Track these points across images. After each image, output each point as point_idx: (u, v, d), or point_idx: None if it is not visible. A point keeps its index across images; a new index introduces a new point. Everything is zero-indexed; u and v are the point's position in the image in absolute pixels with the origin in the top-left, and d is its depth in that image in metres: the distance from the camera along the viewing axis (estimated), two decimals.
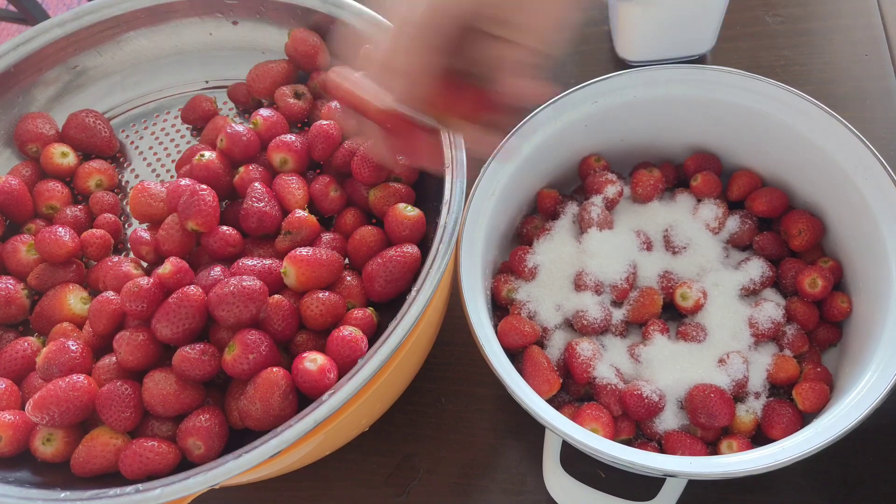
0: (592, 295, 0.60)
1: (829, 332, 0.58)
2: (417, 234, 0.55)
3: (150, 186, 0.59)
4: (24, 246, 0.58)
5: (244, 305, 0.49)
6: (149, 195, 0.58)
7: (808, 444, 0.45)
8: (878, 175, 0.53)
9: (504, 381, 0.50)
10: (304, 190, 0.58)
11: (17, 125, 0.64)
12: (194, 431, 0.48)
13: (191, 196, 0.54)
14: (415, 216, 0.54)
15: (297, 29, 0.64)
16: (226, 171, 0.59)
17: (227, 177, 0.59)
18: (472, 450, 0.61)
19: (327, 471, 0.61)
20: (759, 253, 0.61)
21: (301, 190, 0.58)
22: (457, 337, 0.64)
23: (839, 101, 0.71)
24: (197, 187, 0.54)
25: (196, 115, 0.66)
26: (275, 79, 0.65)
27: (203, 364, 0.49)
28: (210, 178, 0.57)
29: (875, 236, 0.54)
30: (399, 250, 0.53)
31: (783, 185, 0.62)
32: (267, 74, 0.64)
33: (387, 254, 0.53)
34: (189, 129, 0.68)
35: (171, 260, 0.51)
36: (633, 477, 0.51)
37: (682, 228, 0.62)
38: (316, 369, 0.47)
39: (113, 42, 0.67)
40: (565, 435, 0.47)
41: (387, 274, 0.52)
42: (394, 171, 0.57)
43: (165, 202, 0.58)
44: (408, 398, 0.61)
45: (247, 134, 0.59)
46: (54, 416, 0.48)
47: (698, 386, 0.55)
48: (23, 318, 0.58)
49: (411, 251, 0.53)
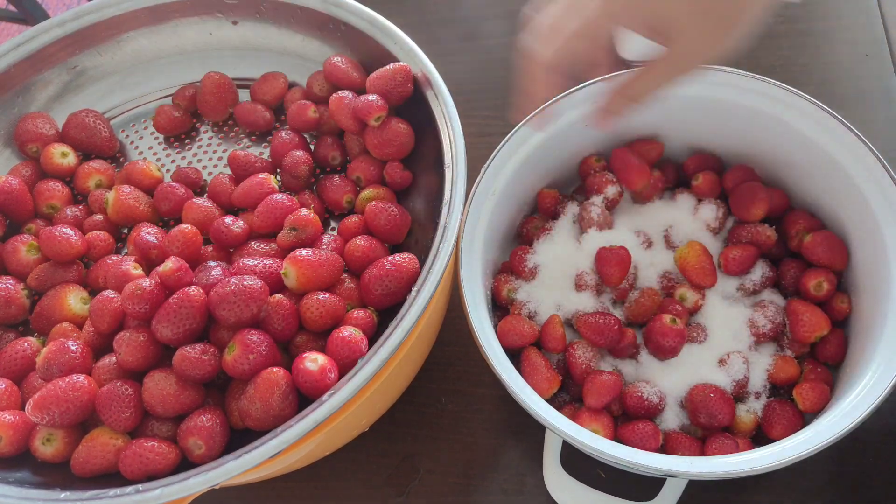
0: (592, 295, 0.60)
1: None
2: (395, 228, 0.56)
3: (128, 191, 0.61)
4: (24, 246, 0.58)
5: (245, 305, 0.49)
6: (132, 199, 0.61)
7: (808, 444, 0.45)
8: (879, 175, 0.53)
9: (504, 381, 0.50)
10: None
11: (17, 125, 0.64)
12: (195, 431, 0.48)
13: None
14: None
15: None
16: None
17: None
18: (472, 450, 0.61)
19: (327, 471, 0.61)
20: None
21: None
22: (457, 337, 0.64)
23: (839, 101, 0.71)
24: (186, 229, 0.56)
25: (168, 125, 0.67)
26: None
27: (203, 364, 0.49)
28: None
29: (875, 236, 0.54)
30: (395, 261, 0.52)
31: (783, 185, 0.62)
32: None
33: (383, 266, 0.52)
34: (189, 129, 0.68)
35: (172, 259, 0.51)
36: (633, 477, 0.51)
37: (683, 228, 0.62)
38: (317, 369, 0.47)
39: (113, 42, 0.67)
40: (565, 435, 0.47)
41: (383, 287, 0.52)
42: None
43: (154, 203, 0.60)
44: (408, 398, 0.61)
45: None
46: (54, 416, 0.48)
47: (698, 386, 0.55)
48: (23, 318, 0.58)
49: (408, 262, 0.52)
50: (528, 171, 0.61)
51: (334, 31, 0.63)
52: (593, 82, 0.59)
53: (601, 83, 0.59)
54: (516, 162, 0.60)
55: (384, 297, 0.52)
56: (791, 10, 0.77)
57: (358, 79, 0.62)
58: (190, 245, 0.56)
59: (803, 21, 0.77)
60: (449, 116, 0.55)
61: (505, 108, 0.77)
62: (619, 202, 0.64)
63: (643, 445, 0.52)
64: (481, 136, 0.73)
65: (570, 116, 0.61)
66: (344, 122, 0.60)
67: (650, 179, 0.62)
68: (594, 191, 0.63)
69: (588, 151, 0.65)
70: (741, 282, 0.59)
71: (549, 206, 0.65)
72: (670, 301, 0.58)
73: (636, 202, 0.65)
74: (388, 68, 0.58)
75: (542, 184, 0.65)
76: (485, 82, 0.79)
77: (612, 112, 0.50)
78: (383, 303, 0.53)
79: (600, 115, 0.50)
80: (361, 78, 0.61)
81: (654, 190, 0.63)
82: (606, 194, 0.62)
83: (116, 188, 0.61)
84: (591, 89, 0.60)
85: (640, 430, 0.53)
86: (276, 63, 0.67)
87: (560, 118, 0.60)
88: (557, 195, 0.65)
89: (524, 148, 0.60)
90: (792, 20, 0.77)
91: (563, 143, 0.62)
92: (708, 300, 0.59)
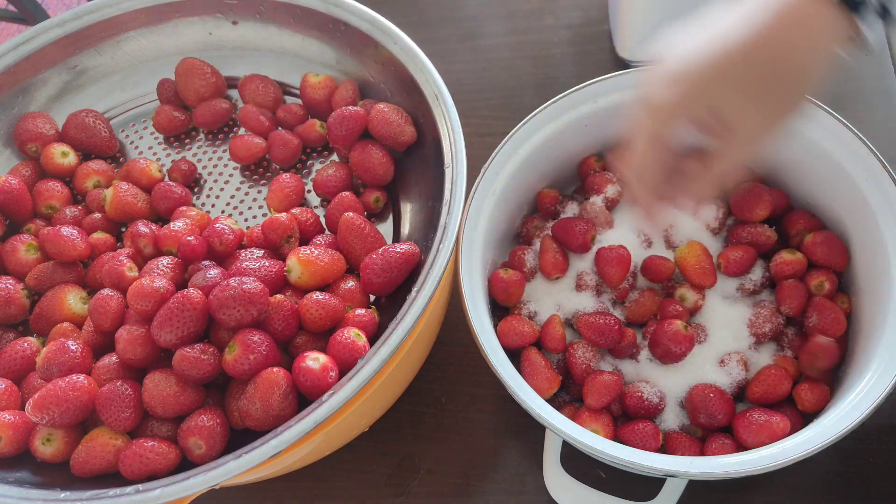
0: (592, 295, 0.60)
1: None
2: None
3: (126, 188, 0.61)
4: (24, 246, 0.58)
5: (245, 309, 0.49)
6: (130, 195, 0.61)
7: (808, 444, 0.45)
8: (879, 175, 0.53)
9: (504, 381, 0.50)
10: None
11: (17, 125, 0.64)
12: (196, 431, 0.48)
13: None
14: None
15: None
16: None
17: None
18: (472, 450, 0.61)
19: (327, 471, 0.61)
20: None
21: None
22: (457, 337, 0.64)
23: (839, 101, 0.70)
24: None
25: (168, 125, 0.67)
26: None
27: (203, 364, 0.49)
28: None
29: (875, 236, 0.54)
30: (394, 247, 0.53)
31: (783, 185, 0.62)
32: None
33: (387, 250, 0.53)
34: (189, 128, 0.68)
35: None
36: (633, 477, 0.51)
37: (683, 228, 0.62)
38: (318, 368, 0.47)
39: (113, 42, 0.67)
40: (565, 435, 0.47)
41: (382, 266, 0.52)
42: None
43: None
44: (408, 398, 0.61)
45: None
46: (54, 416, 0.48)
47: (698, 386, 0.55)
48: (22, 318, 0.58)
49: (408, 247, 0.53)
50: (528, 171, 0.61)
51: (334, 31, 0.63)
52: (593, 82, 0.59)
53: (601, 83, 0.59)
54: (516, 162, 0.60)
55: (384, 278, 0.52)
56: None
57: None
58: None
59: None
60: (449, 116, 0.55)
61: (505, 108, 0.77)
62: (618, 202, 0.64)
63: (643, 445, 0.52)
64: (481, 136, 0.73)
65: (570, 116, 0.61)
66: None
67: None
68: (594, 190, 0.63)
69: (588, 151, 0.65)
70: (741, 282, 0.59)
71: (549, 206, 0.65)
72: (670, 301, 0.58)
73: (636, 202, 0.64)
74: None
75: (542, 184, 0.65)
76: (485, 82, 0.79)
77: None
78: (383, 283, 0.53)
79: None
80: None
81: None
82: (606, 194, 0.62)
83: (115, 185, 0.61)
84: (592, 89, 0.60)
85: (640, 430, 0.53)
86: (276, 63, 0.67)
87: (560, 118, 0.60)
88: (557, 195, 0.65)
89: (524, 148, 0.60)
90: None
91: (563, 143, 0.62)
92: (708, 300, 0.59)
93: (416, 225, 0.58)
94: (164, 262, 0.55)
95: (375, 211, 0.61)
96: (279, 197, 0.60)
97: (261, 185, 0.64)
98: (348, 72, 0.65)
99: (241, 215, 0.63)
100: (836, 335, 0.55)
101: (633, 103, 0.46)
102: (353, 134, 0.60)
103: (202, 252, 0.55)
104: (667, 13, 0.68)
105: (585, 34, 0.80)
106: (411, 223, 0.59)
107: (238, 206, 0.64)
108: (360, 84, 0.64)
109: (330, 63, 0.65)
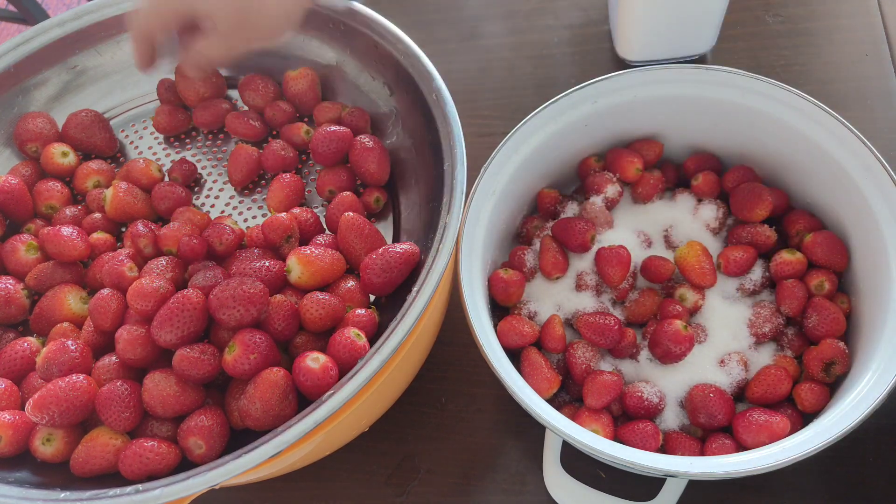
0: (592, 295, 0.60)
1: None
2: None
3: (126, 188, 0.61)
4: (23, 245, 0.58)
5: (245, 309, 0.49)
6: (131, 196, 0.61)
7: (808, 444, 0.45)
8: (879, 175, 0.53)
9: (504, 381, 0.50)
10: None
11: (17, 125, 0.64)
12: (196, 431, 0.48)
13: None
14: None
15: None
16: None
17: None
18: (472, 450, 0.61)
19: (327, 471, 0.61)
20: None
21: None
22: (457, 337, 0.64)
23: (839, 101, 0.71)
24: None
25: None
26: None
27: (203, 364, 0.49)
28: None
29: (875, 236, 0.54)
30: (394, 247, 0.53)
31: (783, 185, 0.62)
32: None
33: (387, 250, 0.53)
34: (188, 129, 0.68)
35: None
36: (633, 477, 0.51)
37: (683, 228, 0.62)
38: (319, 367, 0.47)
39: (113, 42, 0.67)
40: (565, 435, 0.47)
41: (382, 266, 0.52)
42: None
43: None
44: (408, 398, 0.61)
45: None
46: (54, 416, 0.48)
47: (698, 386, 0.55)
48: (22, 318, 0.58)
49: (408, 247, 0.53)
50: (528, 171, 0.61)
51: (334, 30, 0.63)
52: (593, 82, 0.60)
53: (601, 83, 0.59)
54: (516, 162, 0.60)
55: (384, 278, 0.52)
56: (791, 9, 0.77)
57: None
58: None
59: (803, 21, 0.77)
60: (449, 116, 0.55)
61: (505, 108, 0.77)
62: (618, 202, 0.64)
63: (643, 445, 0.52)
64: (481, 136, 0.73)
65: (570, 116, 0.61)
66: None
67: (641, 166, 0.62)
68: (594, 191, 0.63)
69: (588, 151, 0.65)
70: (741, 282, 0.59)
71: (549, 206, 0.65)
72: (670, 301, 0.58)
73: (636, 202, 0.65)
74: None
75: (542, 184, 0.65)
76: (485, 82, 0.79)
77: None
78: (383, 283, 0.53)
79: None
80: None
81: (654, 190, 0.63)
82: (606, 194, 0.62)
83: (114, 185, 0.61)
84: (592, 89, 0.60)
85: (640, 430, 0.53)
86: (276, 63, 0.67)
87: (560, 118, 0.60)
88: (557, 195, 0.65)
89: (524, 148, 0.60)
90: (792, 20, 0.77)
91: (563, 143, 0.62)
92: (708, 300, 0.59)
93: (416, 225, 0.58)
94: (164, 262, 0.55)
95: (375, 211, 0.61)
96: (279, 197, 0.60)
97: (261, 184, 0.64)
98: (348, 71, 0.65)
99: (241, 215, 0.63)
100: (836, 335, 0.55)
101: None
102: (337, 154, 0.61)
103: (202, 252, 0.55)
104: (666, 13, 0.69)
105: (585, 34, 0.80)
106: (411, 223, 0.59)
107: (238, 207, 0.64)
108: (360, 84, 0.64)
109: (330, 63, 0.65)
